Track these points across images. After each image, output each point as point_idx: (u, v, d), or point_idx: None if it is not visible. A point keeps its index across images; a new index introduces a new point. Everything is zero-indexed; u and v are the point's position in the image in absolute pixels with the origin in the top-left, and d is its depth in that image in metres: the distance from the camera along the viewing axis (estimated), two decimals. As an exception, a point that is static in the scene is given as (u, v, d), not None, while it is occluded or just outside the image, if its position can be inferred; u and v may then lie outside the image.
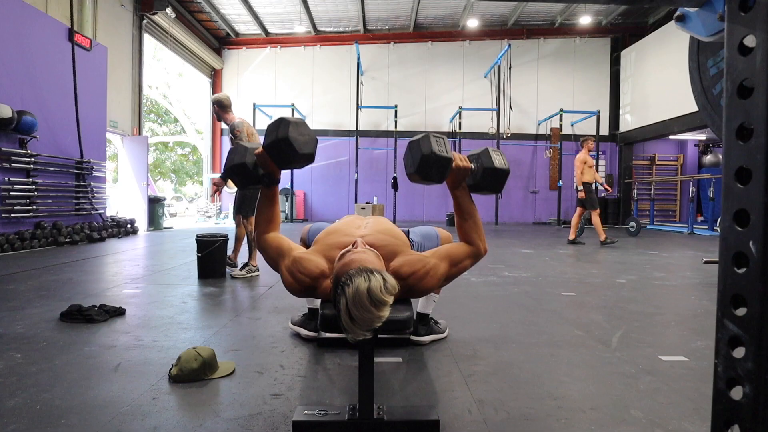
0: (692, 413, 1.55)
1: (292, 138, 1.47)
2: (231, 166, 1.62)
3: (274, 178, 1.61)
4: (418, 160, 1.49)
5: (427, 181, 1.55)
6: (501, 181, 1.59)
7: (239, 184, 1.67)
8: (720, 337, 0.74)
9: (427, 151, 1.47)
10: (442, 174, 1.52)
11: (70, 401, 1.58)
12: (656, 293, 3.61)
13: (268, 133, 1.51)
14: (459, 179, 1.59)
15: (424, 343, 2.23)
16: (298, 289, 1.54)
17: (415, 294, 1.56)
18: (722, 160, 0.75)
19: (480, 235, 1.61)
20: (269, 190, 1.62)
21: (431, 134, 1.52)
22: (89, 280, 3.91)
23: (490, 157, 1.57)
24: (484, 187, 1.60)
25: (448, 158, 1.49)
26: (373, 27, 13.81)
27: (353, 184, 12.92)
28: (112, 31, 9.31)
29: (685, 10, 0.93)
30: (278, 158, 1.53)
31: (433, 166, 1.49)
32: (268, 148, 1.51)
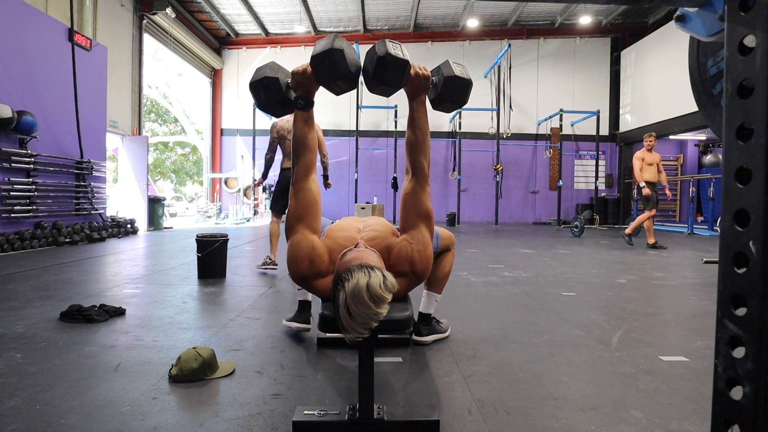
0: (692, 413, 1.55)
1: (345, 52, 1.44)
2: (261, 79, 1.52)
3: (310, 100, 1.56)
4: (374, 62, 1.47)
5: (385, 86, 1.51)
6: (464, 91, 1.57)
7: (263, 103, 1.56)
8: (720, 337, 0.74)
9: (383, 53, 1.46)
10: (399, 77, 1.49)
11: (70, 401, 1.58)
12: (656, 293, 3.61)
13: (320, 44, 1.46)
14: (418, 88, 1.57)
15: (427, 343, 2.23)
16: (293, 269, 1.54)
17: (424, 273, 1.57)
18: (722, 160, 0.75)
19: (425, 154, 1.60)
20: (306, 114, 1.58)
21: (388, 40, 1.51)
22: (89, 280, 3.91)
23: (451, 67, 1.56)
24: (447, 97, 1.58)
25: (404, 60, 1.47)
26: (373, 27, 13.81)
27: (353, 184, 12.92)
28: (112, 31, 9.31)
29: (685, 10, 0.93)
30: (325, 70, 1.47)
31: (390, 67, 1.46)
32: (319, 57, 1.45)
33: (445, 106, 1.62)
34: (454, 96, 1.58)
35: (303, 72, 1.53)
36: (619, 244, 7.44)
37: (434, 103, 1.63)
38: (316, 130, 1.63)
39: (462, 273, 4.32)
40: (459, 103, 1.61)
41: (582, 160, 14.12)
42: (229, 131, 14.41)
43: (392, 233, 1.64)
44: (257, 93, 1.54)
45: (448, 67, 1.56)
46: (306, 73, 1.52)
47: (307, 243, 1.53)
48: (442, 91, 1.57)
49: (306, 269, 1.52)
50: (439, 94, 1.59)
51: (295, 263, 1.53)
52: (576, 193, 14.12)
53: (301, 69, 1.53)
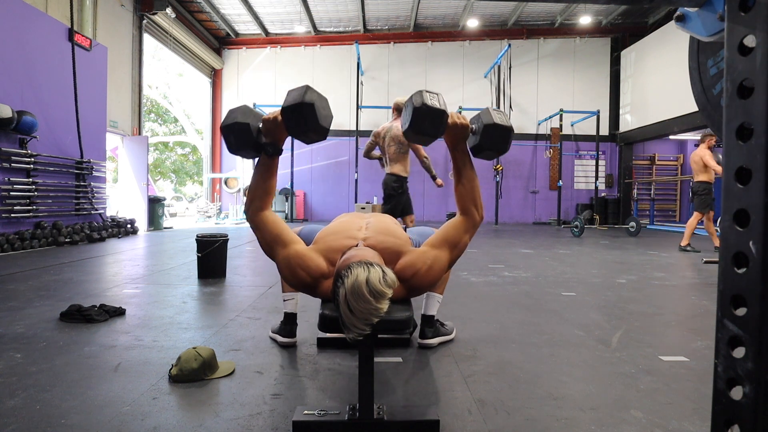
0: (692, 413, 1.55)
1: (316, 105, 1.43)
2: (232, 124, 1.50)
3: (278, 148, 1.56)
4: (410, 114, 1.47)
5: (423, 136, 1.51)
6: (504, 139, 1.55)
7: (234, 147, 1.55)
8: (720, 337, 0.74)
9: (419, 104, 1.45)
10: (437, 128, 1.49)
11: (70, 401, 1.58)
12: (656, 293, 3.61)
13: (291, 95, 1.46)
14: (457, 137, 1.57)
15: (433, 346, 2.20)
16: (294, 283, 1.54)
17: (419, 290, 1.56)
18: (722, 160, 0.75)
19: (476, 202, 1.59)
20: (271, 161, 1.57)
21: (425, 90, 1.50)
22: (89, 280, 3.91)
23: (490, 114, 1.54)
24: (487, 146, 1.56)
25: (441, 110, 1.46)
26: (373, 27, 13.81)
27: (353, 184, 12.92)
28: (112, 31, 9.31)
29: (685, 10, 0.93)
30: (295, 123, 1.46)
31: (426, 118, 1.46)
32: (289, 109, 1.45)
33: (486, 154, 1.60)
34: (494, 144, 1.56)
35: (273, 120, 1.51)
36: (620, 244, 7.44)
37: (474, 151, 1.61)
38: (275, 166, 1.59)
39: (462, 273, 4.32)
40: (500, 151, 1.59)
41: (582, 160, 14.11)
42: (229, 131, 14.40)
43: (406, 242, 1.62)
44: (228, 137, 1.54)
45: (488, 114, 1.55)
46: (276, 121, 1.50)
47: (293, 257, 1.52)
48: (481, 140, 1.55)
49: (306, 278, 1.52)
50: (478, 143, 1.57)
51: (293, 278, 1.53)
52: (576, 193, 14.12)
53: (272, 117, 1.51)
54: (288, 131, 1.51)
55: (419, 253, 1.55)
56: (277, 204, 13.25)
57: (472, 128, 1.57)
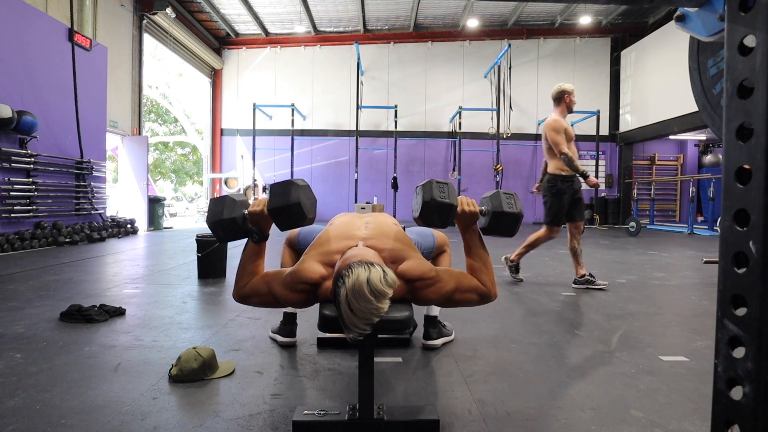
0: (692, 413, 1.55)
1: (302, 203, 1.47)
2: (219, 221, 1.53)
3: (264, 235, 1.58)
4: (420, 206, 1.52)
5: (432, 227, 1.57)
6: (512, 226, 1.59)
7: (223, 238, 1.59)
8: (720, 337, 0.74)
9: (428, 198, 1.49)
10: (445, 219, 1.54)
11: (70, 401, 1.58)
12: (656, 293, 3.61)
13: (276, 195, 1.49)
14: (467, 223, 1.60)
15: (437, 347, 2.20)
16: (301, 300, 1.53)
17: (416, 300, 1.55)
18: (722, 160, 0.75)
19: (490, 279, 1.59)
20: (258, 247, 1.59)
21: (434, 181, 1.55)
22: (89, 280, 3.91)
23: (500, 201, 1.57)
24: (496, 230, 1.60)
25: (449, 204, 1.51)
26: (373, 27, 13.81)
27: (353, 184, 12.92)
28: (112, 31, 9.31)
29: (685, 10, 0.93)
30: (283, 221, 1.51)
31: (434, 212, 1.51)
32: (276, 210, 1.49)
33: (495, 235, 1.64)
34: (503, 230, 1.60)
35: (260, 213, 1.53)
36: (620, 244, 7.44)
37: (483, 232, 1.65)
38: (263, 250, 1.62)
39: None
40: (509, 235, 1.63)
41: (582, 160, 14.09)
42: (229, 131, 14.41)
43: (410, 246, 1.61)
44: (216, 232, 1.57)
45: (498, 200, 1.58)
46: (263, 213, 1.53)
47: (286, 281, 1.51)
48: (490, 224, 1.59)
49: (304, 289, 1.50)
50: (487, 226, 1.61)
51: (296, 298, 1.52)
52: None
53: (258, 210, 1.53)
54: (278, 227, 1.55)
55: (430, 266, 1.55)
56: (277, 204, 13.24)
57: (481, 210, 1.61)
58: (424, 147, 13.97)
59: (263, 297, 1.57)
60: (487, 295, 1.59)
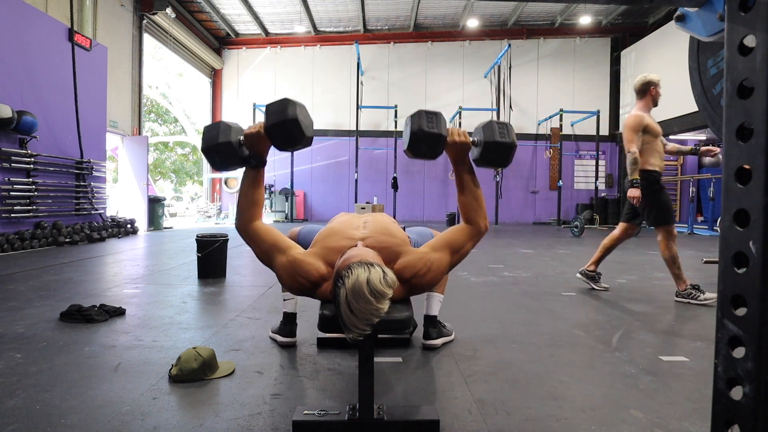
0: (692, 413, 1.55)
1: (300, 120, 1.43)
2: (215, 145, 1.50)
3: (262, 159, 1.57)
4: (408, 137, 1.49)
5: (420, 158, 1.53)
6: (506, 155, 1.55)
7: (219, 165, 1.55)
8: (720, 337, 0.74)
9: (416, 129, 1.46)
10: (434, 150, 1.50)
11: (70, 401, 1.58)
12: (656, 293, 3.61)
13: (272, 113, 1.45)
14: (458, 155, 1.58)
15: (437, 346, 2.20)
16: (295, 288, 1.54)
17: (419, 290, 1.56)
18: (722, 160, 0.75)
19: (480, 213, 1.59)
20: (257, 173, 1.58)
21: (423, 111, 1.50)
22: (89, 280, 3.91)
23: (493, 130, 1.53)
24: (489, 161, 1.56)
25: (437, 135, 1.47)
26: (373, 27, 13.81)
27: (353, 184, 12.92)
28: (112, 31, 9.31)
29: (685, 10, 0.93)
30: (281, 139, 1.47)
31: (423, 143, 1.47)
32: (273, 127, 1.45)
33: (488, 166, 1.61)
34: (496, 160, 1.56)
35: (256, 134, 1.51)
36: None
37: (476, 163, 1.62)
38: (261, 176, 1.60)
39: (462, 273, 4.32)
40: (502, 165, 1.60)
41: (582, 160, 14.11)
42: (229, 131, 14.40)
43: (404, 242, 1.62)
44: (212, 158, 1.54)
45: (490, 129, 1.54)
46: (259, 134, 1.51)
47: (291, 264, 1.52)
48: (483, 154, 1.56)
49: (305, 284, 1.51)
50: (480, 157, 1.57)
51: (292, 285, 1.53)
52: (576, 193, 14.12)
53: (254, 131, 1.51)
54: (276, 147, 1.52)
55: (420, 254, 1.55)
56: (277, 204, 13.26)
57: (473, 140, 1.57)
58: (424, 147, 13.97)
59: (262, 254, 1.58)
60: (479, 233, 1.60)
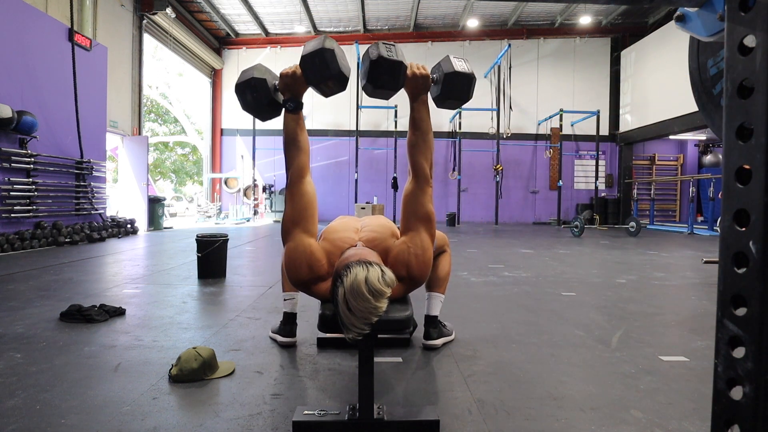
0: (692, 413, 1.55)
1: (336, 52, 1.42)
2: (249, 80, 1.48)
3: (299, 102, 1.55)
4: (368, 67, 1.45)
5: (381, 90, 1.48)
6: (466, 87, 1.52)
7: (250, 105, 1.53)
8: (720, 337, 0.74)
9: (375, 56, 1.43)
10: (396, 80, 1.47)
11: (70, 401, 1.58)
12: (656, 293, 3.61)
13: (311, 45, 1.44)
14: (417, 88, 1.54)
15: (437, 347, 2.20)
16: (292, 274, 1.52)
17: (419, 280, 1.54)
18: (722, 160, 0.75)
19: (427, 156, 1.56)
20: (296, 115, 1.56)
21: (381, 42, 1.48)
22: (89, 280, 3.91)
23: (451, 63, 1.51)
24: (449, 94, 1.53)
25: (398, 62, 1.44)
26: (373, 27, 13.81)
27: (353, 184, 12.92)
28: (112, 31, 9.31)
29: (685, 10, 0.93)
30: (315, 70, 1.44)
31: (384, 71, 1.44)
32: (309, 57, 1.43)
33: (449, 104, 1.57)
34: (456, 92, 1.53)
35: (292, 74, 1.51)
36: (620, 244, 7.44)
37: (437, 102, 1.58)
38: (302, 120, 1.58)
39: (462, 273, 4.32)
40: (462, 99, 1.55)
41: (582, 160, 14.12)
42: (229, 131, 14.42)
43: (392, 234, 1.61)
44: (244, 95, 1.52)
45: (448, 62, 1.51)
46: (295, 75, 1.50)
47: (304, 248, 1.50)
48: (443, 89, 1.53)
49: (305, 274, 1.50)
50: (440, 92, 1.54)
51: (294, 269, 1.50)
52: (576, 193, 14.12)
53: (290, 71, 1.51)
54: (308, 82, 1.50)
55: (401, 244, 1.53)
56: (277, 204, 13.26)
57: (433, 78, 1.54)
58: (424, 147, 13.97)
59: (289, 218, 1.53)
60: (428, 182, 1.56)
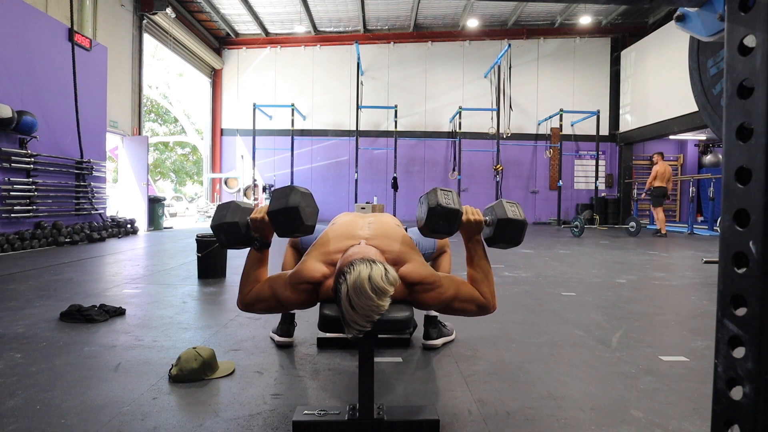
0: (692, 413, 1.55)
1: (301, 208, 1.47)
2: (222, 224, 1.56)
3: (266, 242, 1.59)
4: (425, 213, 1.51)
5: (437, 235, 1.56)
6: (518, 233, 1.58)
7: (224, 242, 1.61)
8: (720, 337, 0.74)
9: (434, 204, 1.49)
10: (451, 226, 1.53)
11: (70, 401, 1.58)
12: (656, 293, 3.61)
13: (276, 199, 1.51)
14: (471, 232, 1.59)
15: (437, 347, 2.20)
16: (303, 301, 1.52)
17: (416, 303, 1.54)
18: (722, 160, 0.75)
19: (490, 291, 1.58)
20: (261, 254, 1.60)
21: (439, 188, 1.55)
22: (89, 280, 3.91)
23: (504, 209, 1.57)
24: (501, 238, 1.59)
25: (455, 210, 1.51)
26: (373, 27, 13.81)
27: (353, 184, 12.92)
28: (112, 31, 9.31)
29: (685, 10, 0.93)
30: (281, 225, 1.52)
31: (441, 218, 1.50)
32: (275, 213, 1.49)
33: (500, 246, 1.63)
34: (508, 237, 1.59)
35: (261, 219, 1.54)
36: (620, 244, 7.44)
37: (488, 242, 1.64)
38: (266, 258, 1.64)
39: (462, 273, 4.31)
40: (514, 243, 1.61)
41: (582, 160, 14.11)
42: (229, 131, 14.41)
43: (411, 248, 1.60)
44: (218, 236, 1.59)
45: (502, 208, 1.57)
46: (264, 221, 1.54)
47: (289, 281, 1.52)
48: (495, 233, 1.58)
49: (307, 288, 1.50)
50: (492, 236, 1.60)
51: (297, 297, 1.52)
52: (576, 193, 14.12)
53: (259, 217, 1.54)
54: (277, 234, 1.55)
55: (431, 271, 1.54)
56: (277, 204, 13.24)
57: (486, 220, 1.60)
58: (424, 147, 13.97)
59: (267, 302, 1.57)
60: (486, 306, 1.57)
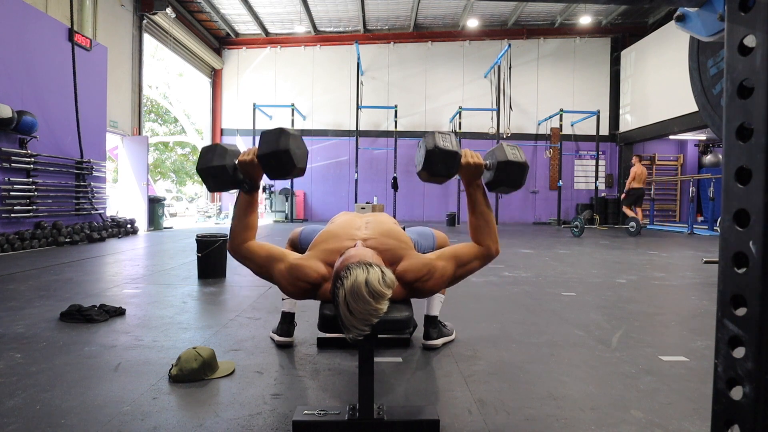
0: (692, 413, 1.55)
1: (292, 151, 1.45)
2: (209, 167, 1.53)
3: (255, 185, 1.57)
4: (423, 156, 1.50)
5: (436, 177, 1.54)
6: (519, 175, 1.56)
7: (213, 186, 1.58)
8: (720, 337, 0.74)
9: (431, 146, 1.48)
10: (450, 168, 1.52)
11: (70, 401, 1.58)
12: (656, 293, 3.61)
13: (266, 143, 1.47)
14: (471, 176, 1.58)
15: (437, 347, 2.20)
16: (298, 293, 1.53)
17: (420, 294, 1.55)
18: (722, 160, 0.75)
19: (491, 236, 1.59)
20: (250, 197, 1.58)
21: (437, 132, 1.53)
22: (89, 280, 3.91)
23: (504, 151, 1.56)
24: (502, 182, 1.58)
25: (453, 152, 1.49)
26: (373, 27, 13.81)
27: (353, 183, 12.92)
28: (112, 31, 9.31)
29: (685, 10, 0.93)
30: (272, 168, 1.49)
31: (439, 160, 1.49)
32: (265, 157, 1.47)
33: (501, 189, 1.61)
34: (509, 180, 1.57)
35: (250, 162, 1.52)
36: (620, 244, 7.44)
37: (489, 187, 1.62)
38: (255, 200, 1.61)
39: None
40: (515, 186, 1.60)
41: (582, 160, 14.11)
42: (229, 131, 14.41)
43: (407, 245, 1.60)
44: (206, 180, 1.56)
45: (502, 151, 1.56)
46: (253, 163, 1.51)
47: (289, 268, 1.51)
48: (496, 176, 1.57)
49: (304, 286, 1.50)
50: (493, 179, 1.58)
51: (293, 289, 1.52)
52: (576, 193, 14.12)
53: (248, 159, 1.52)
54: (269, 177, 1.53)
55: (425, 260, 1.54)
56: (277, 204, 13.26)
57: (486, 164, 1.59)
58: (424, 147, 13.97)
59: (260, 269, 1.57)
60: (488, 255, 1.60)
